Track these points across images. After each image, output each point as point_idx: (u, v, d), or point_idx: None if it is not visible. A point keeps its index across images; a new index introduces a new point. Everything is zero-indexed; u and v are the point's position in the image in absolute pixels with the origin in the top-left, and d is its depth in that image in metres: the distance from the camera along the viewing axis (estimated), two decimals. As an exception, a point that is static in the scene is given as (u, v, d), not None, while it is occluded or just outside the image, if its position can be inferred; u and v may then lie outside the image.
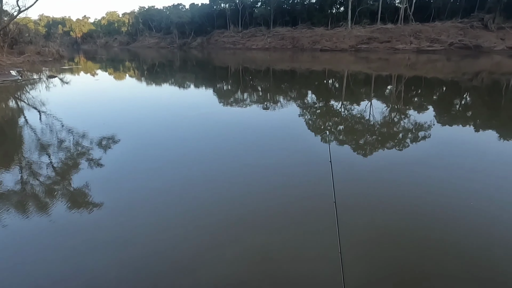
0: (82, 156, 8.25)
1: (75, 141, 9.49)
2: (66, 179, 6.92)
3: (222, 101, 16.54)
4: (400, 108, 14.49)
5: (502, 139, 9.74)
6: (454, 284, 3.90)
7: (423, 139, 9.89)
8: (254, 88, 21.40)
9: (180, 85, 23.07)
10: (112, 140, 9.46)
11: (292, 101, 16.83)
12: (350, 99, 16.81)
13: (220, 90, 20.82)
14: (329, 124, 11.90)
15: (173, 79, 26.99)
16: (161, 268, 4.15)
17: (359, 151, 8.86)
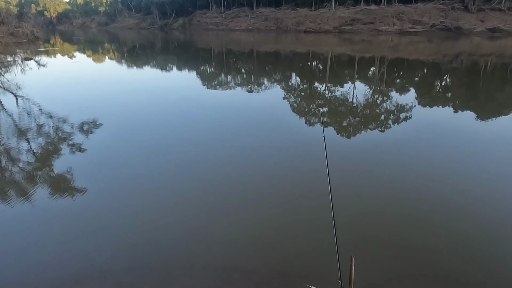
0: (63, 142, 8.06)
1: (55, 126, 9.23)
2: (48, 165, 6.78)
3: (206, 84, 16.33)
4: (382, 90, 14.68)
5: (480, 119, 10.06)
6: (434, 251, 4.10)
7: (405, 120, 10.11)
8: (238, 70, 21.17)
9: (162, 68, 22.58)
10: (93, 125, 9.25)
11: (277, 83, 16.78)
12: (334, 81, 16.88)
13: (203, 73, 20.50)
14: (315, 106, 11.97)
15: (155, 61, 26.36)
16: (152, 248, 4.18)
17: (344, 131, 8.99)
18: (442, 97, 13.69)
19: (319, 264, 3.90)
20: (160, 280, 3.69)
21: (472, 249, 4.21)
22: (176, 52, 33.19)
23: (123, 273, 3.79)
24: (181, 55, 30.70)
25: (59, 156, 7.21)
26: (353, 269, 1.50)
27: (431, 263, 3.94)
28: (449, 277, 3.74)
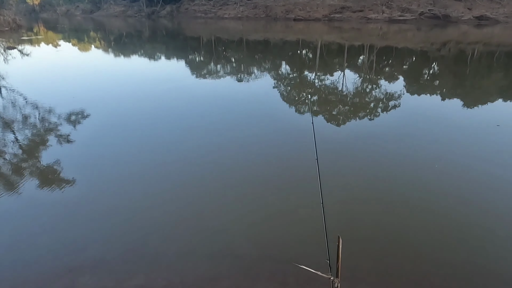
0: (50, 133, 7.94)
1: (42, 117, 9.07)
2: (35, 156, 6.69)
3: (195, 73, 16.17)
4: (372, 78, 14.77)
5: (466, 107, 10.25)
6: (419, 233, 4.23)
7: (393, 108, 10.23)
8: (227, 59, 20.99)
9: (150, 57, 22.23)
10: (81, 116, 9.11)
11: (267, 72, 16.71)
12: (324, 69, 16.90)
13: (192, 62, 20.27)
14: (304, 94, 11.99)
15: (143, 50, 25.91)
16: (143, 236, 4.21)
17: (334, 119, 9.06)
18: (430, 85, 13.85)
19: (308, 247, 4.00)
20: (153, 267, 3.73)
21: (456, 230, 4.36)
22: (164, 40, 32.64)
23: (116, 262, 3.81)
24: (169, 43, 30.22)
25: (47, 147, 7.12)
26: (340, 249, 1.56)
27: (416, 245, 4.07)
28: (434, 257, 3.87)
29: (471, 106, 10.40)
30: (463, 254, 3.96)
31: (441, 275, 3.63)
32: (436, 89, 13.02)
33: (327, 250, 1.64)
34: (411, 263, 3.80)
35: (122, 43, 30.78)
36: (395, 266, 3.77)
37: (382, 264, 3.78)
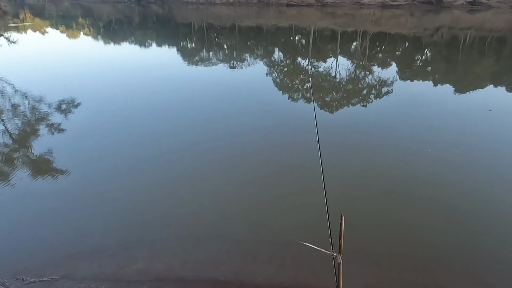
0: (41, 122, 7.84)
1: (32, 106, 8.93)
2: (28, 145, 6.62)
3: (187, 61, 15.99)
4: (365, 64, 14.79)
5: (458, 93, 10.35)
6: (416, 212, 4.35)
7: (386, 94, 10.30)
8: (220, 46, 20.76)
9: (141, 44, 21.87)
10: (72, 104, 8.99)
11: (260, 59, 16.60)
12: (317, 56, 16.84)
13: (184, 49, 20.01)
14: (305, 77, 11.98)
15: (133, 37, 25.45)
16: (143, 222, 4.24)
17: (328, 106, 9.10)
18: (423, 71, 13.92)
19: (307, 228, 4.09)
20: (153, 252, 3.78)
21: (448, 212, 4.48)
22: (155, 27, 32.06)
23: (116, 247, 3.86)
24: (160, 30, 29.71)
25: (41, 136, 7.04)
26: (343, 226, 1.62)
27: (412, 226, 4.19)
28: (429, 237, 3.98)
29: (463, 91, 10.51)
30: (454, 235, 4.09)
31: (436, 254, 3.76)
32: (429, 75, 13.10)
33: (329, 229, 1.69)
34: (407, 243, 3.92)
35: (111, 30, 30.17)
36: (392, 245, 3.89)
37: (380, 243, 3.90)
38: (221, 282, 3.35)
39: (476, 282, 3.42)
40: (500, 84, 11.45)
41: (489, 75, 13.08)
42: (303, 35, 24.70)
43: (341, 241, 1.68)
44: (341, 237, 1.66)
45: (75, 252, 3.77)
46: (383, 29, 26.44)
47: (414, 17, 35.32)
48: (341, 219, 1.59)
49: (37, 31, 28.34)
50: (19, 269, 3.54)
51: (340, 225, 1.61)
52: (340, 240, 1.67)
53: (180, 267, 3.57)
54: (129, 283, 3.35)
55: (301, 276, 3.42)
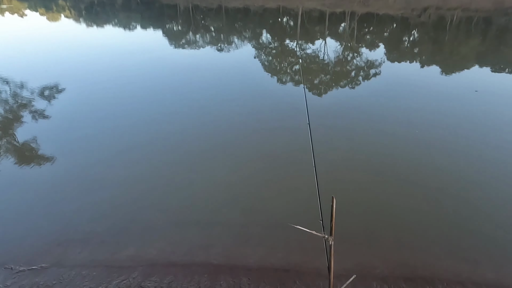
0: (24, 109, 7.62)
1: (13, 92, 8.65)
2: (10, 133, 6.44)
3: (174, 44, 15.63)
4: (353, 46, 14.72)
5: (445, 74, 10.44)
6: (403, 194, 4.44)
7: (374, 76, 10.32)
8: (206, 28, 20.32)
9: (125, 27, 21.24)
10: (55, 90, 8.75)
11: (248, 41, 16.34)
12: (305, 38, 16.67)
13: (170, 32, 19.53)
14: (293, 60, 11.88)
15: (116, 19, 24.69)
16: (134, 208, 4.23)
17: (316, 88, 9.08)
18: (410, 52, 13.95)
19: (298, 211, 4.14)
20: (145, 237, 3.78)
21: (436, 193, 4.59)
22: (139, 9, 31.09)
23: (107, 233, 3.84)
24: (144, 12, 28.83)
25: (25, 124, 6.86)
26: (334, 209, 1.63)
27: (401, 205, 4.28)
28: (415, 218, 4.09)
29: (449, 72, 10.60)
30: (440, 215, 4.20)
31: (423, 233, 3.87)
32: (416, 56, 13.14)
33: (320, 211, 1.70)
34: (396, 223, 4.01)
35: (94, 12, 29.14)
36: (381, 226, 3.98)
37: (369, 224, 3.99)
38: (213, 265, 3.38)
39: (461, 258, 3.55)
40: (485, 65, 11.58)
41: (475, 55, 13.19)
42: (291, 17, 24.34)
43: (332, 223, 1.69)
44: (333, 220, 1.68)
45: (65, 240, 3.74)
46: (371, 9, 26.23)
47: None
48: (332, 202, 1.60)
49: (15, 14, 27.19)
50: (8, 258, 3.51)
51: (332, 208, 1.63)
52: (331, 222, 1.69)
53: (171, 251, 3.59)
54: (121, 268, 3.35)
55: (292, 258, 3.48)
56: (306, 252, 3.52)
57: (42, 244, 3.70)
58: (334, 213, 1.67)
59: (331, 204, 1.63)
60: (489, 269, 3.42)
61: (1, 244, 3.73)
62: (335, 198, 1.60)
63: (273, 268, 3.36)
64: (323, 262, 3.27)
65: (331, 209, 1.65)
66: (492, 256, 3.57)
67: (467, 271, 3.41)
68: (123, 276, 3.25)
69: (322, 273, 3.22)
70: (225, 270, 3.33)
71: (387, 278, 3.27)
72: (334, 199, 1.63)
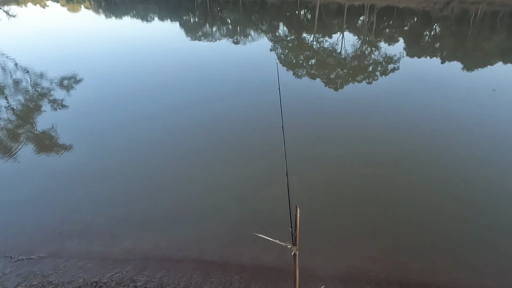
0: (43, 98, 7.80)
1: (34, 82, 8.87)
2: (27, 122, 6.60)
3: (190, 36, 15.66)
4: (371, 40, 14.39)
5: (465, 70, 10.08)
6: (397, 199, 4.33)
7: (392, 71, 10.07)
8: (223, 20, 20.26)
9: (143, 18, 21.41)
10: (73, 80, 8.91)
11: (264, 34, 16.21)
12: (323, 31, 16.40)
13: (187, 23, 19.58)
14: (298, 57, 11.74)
15: (135, 11, 24.91)
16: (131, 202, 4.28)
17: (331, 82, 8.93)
18: (431, 47, 13.52)
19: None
20: (141, 231, 3.81)
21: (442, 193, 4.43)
22: (157, 0, 31.26)
23: (104, 226, 3.88)
24: (162, 4, 28.97)
25: (40, 113, 7.01)
26: (298, 218, 1.61)
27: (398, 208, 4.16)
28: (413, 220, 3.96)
29: (470, 69, 10.22)
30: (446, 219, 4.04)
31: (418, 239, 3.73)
32: (437, 51, 12.73)
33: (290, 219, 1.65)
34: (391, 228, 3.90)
35: (113, 4, 29.48)
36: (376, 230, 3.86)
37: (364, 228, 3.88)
38: (206, 262, 3.38)
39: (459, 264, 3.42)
40: (508, 62, 11.11)
41: (498, 52, 12.68)
42: (308, 10, 23.98)
43: (296, 232, 1.66)
44: (297, 229, 1.64)
45: (63, 231, 3.80)
46: (391, 3, 25.54)
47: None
48: (296, 211, 1.55)
49: (37, 4, 27.79)
50: (7, 247, 3.59)
51: (296, 217, 1.58)
52: (295, 231, 1.66)
53: (166, 246, 3.60)
54: (115, 261, 3.40)
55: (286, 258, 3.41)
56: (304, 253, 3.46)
57: (41, 234, 3.78)
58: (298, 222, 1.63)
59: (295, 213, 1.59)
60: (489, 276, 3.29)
61: (2, 233, 3.83)
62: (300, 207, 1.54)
63: (266, 267, 3.32)
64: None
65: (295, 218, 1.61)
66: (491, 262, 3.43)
67: (466, 277, 3.28)
68: (117, 269, 3.29)
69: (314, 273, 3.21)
70: (217, 267, 3.31)
71: (382, 282, 3.20)
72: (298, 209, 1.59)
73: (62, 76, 9.09)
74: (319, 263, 3.41)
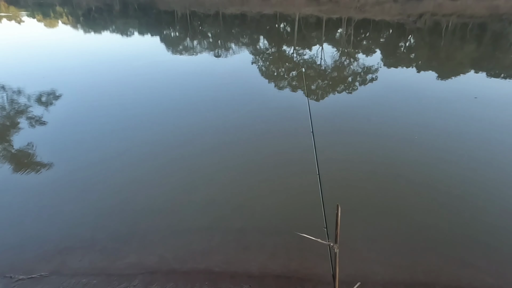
0: (21, 115, 7.59)
1: (10, 99, 8.63)
2: (7, 140, 6.42)
3: (171, 49, 15.68)
4: (350, 52, 14.83)
5: (440, 78, 10.53)
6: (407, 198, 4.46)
7: (371, 81, 10.39)
8: (204, 34, 20.41)
9: (122, 33, 21.31)
10: (52, 96, 8.73)
11: (245, 47, 16.42)
12: (302, 44, 16.78)
13: (167, 38, 19.61)
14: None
15: (114, 26, 24.75)
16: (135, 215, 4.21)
17: (314, 93, 9.12)
18: (406, 57, 14.07)
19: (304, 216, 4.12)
20: (145, 244, 3.76)
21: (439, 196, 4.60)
22: (137, 15, 31.21)
23: (107, 240, 3.82)
24: (142, 18, 28.93)
25: (21, 130, 6.83)
26: (339, 216, 1.64)
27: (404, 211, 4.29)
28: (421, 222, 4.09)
29: (445, 77, 10.69)
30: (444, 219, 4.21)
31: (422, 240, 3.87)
32: (412, 61, 13.26)
33: (324, 219, 1.70)
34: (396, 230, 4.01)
35: (91, 19, 29.21)
36: (381, 232, 3.98)
37: (370, 231, 3.99)
38: (214, 273, 3.37)
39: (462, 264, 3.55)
40: (481, 70, 11.69)
41: (470, 61, 13.33)
42: (288, 23, 24.52)
43: (337, 231, 1.70)
44: (338, 227, 1.69)
45: (64, 247, 3.72)
46: (368, 16, 26.48)
47: (398, 3, 35.44)
48: (337, 210, 1.62)
49: (13, 20, 27.20)
50: (7, 267, 3.48)
51: (337, 215, 1.64)
52: (336, 230, 1.70)
53: (172, 258, 3.57)
54: (121, 276, 3.33)
55: (294, 265, 3.47)
56: (308, 259, 3.52)
57: (41, 252, 3.68)
58: (339, 221, 1.68)
59: (336, 212, 1.64)
60: (490, 275, 3.43)
61: (1, 252, 3.70)
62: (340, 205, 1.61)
63: (275, 275, 3.35)
64: (325, 269, 3.28)
65: (336, 217, 1.66)
66: (493, 262, 3.58)
67: (468, 277, 3.41)
68: (124, 284, 3.23)
69: (324, 280, 3.22)
70: (226, 277, 3.31)
71: (388, 284, 3.27)
72: (339, 207, 1.64)
73: (41, 92, 8.89)
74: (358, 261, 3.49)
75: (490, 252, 3.70)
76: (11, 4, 42.77)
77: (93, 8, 37.71)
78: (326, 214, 1.94)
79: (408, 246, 3.77)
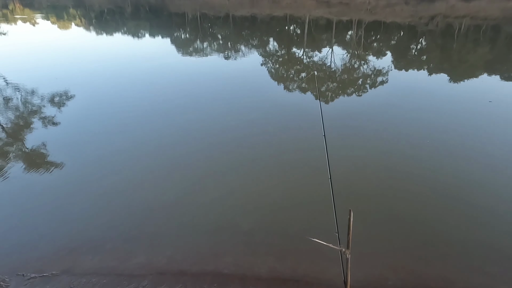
0: (35, 115, 7.73)
1: (24, 99, 8.79)
2: (20, 139, 6.54)
3: (181, 51, 15.80)
4: (360, 54, 14.73)
5: (452, 81, 10.37)
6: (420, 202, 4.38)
7: (381, 84, 10.30)
8: (214, 36, 20.51)
9: (134, 35, 21.55)
10: (65, 97, 8.87)
11: (255, 49, 16.45)
12: (312, 46, 16.73)
13: (178, 40, 19.75)
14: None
15: (126, 27, 25.05)
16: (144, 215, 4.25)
17: (323, 96, 9.08)
18: (418, 60, 13.90)
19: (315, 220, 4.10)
20: (155, 245, 3.78)
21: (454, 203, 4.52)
22: (148, 17, 31.57)
23: (117, 240, 3.85)
24: (153, 20, 29.25)
25: (35, 130, 6.95)
26: (351, 222, 1.63)
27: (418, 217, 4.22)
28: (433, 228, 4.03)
29: (458, 80, 10.53)
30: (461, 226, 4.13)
31: (435, 246, 3.80)
32: (423, 64, 13.09)
33: (335, 224, 1.69)
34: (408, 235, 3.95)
35: (104, 21, 29.64)
36: (393, 237, 3.93)
37: (381, 236, 3.94)
38: (223, 275, 3.36)
39: (476, 271, 3.48)
40: (494, 73, 11.48)
41: (483, 64, 13.10)
42: (298, 25, 24.48)
43: (349, 236, 1.69)
44: (350, 233, 1.67)
45: (76, 247, 3.76)
46: (378, 17, 26.29)
47: (409, 5, 35.12)
48: (350, 215, 1.60)
49: (27, 22, 27.77)
50: (19, 265, 3.53)
51: (349, 221, 1.62)
52: (348, 235, 1.69)
53: (181, 260, 3.58)
54: (131, 277, 3.35)
55: (303, 269, 3.44)
56: (317, 264, 3.49)
57: (53, 251, 3.73)
58: (351, 226, 1.66)
59: (348, 217, 1.62)
60: (505, 282, 3.35)
61: (14, 251, 3.76)
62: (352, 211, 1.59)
63: (283, 279, 3.33)
64: (333, 273, 3.26)
65: (349, 222, 1.64)
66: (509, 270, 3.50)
67: (482, 284, 3.34)
68: (133, 285, 3.25)
69: (333, 285, 3.19)
70: (235, 279, 3.31)
71: None
72: (352, 212, 1.62)
73: (55, 92, 9.04)
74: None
75: (505, 259, 3.62)
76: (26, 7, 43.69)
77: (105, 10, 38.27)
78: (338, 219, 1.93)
79: (421, 253, 3.70)
